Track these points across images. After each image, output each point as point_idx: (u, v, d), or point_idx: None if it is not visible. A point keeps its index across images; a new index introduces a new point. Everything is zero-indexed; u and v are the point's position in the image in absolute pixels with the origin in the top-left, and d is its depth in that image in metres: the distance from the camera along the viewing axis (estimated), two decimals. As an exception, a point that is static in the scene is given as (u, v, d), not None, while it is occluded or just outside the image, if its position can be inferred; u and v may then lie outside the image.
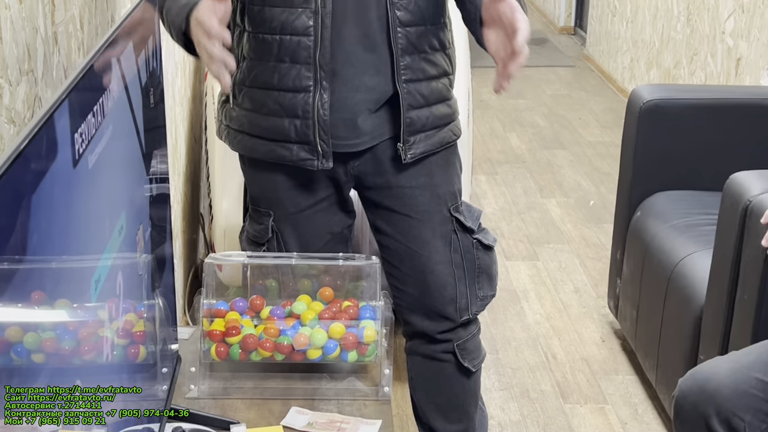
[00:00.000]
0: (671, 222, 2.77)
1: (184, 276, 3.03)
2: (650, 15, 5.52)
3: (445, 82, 1.99)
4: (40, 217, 0.96)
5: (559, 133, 5.34)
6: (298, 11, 1.82)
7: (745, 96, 2.97)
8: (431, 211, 2.02)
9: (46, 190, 0.97)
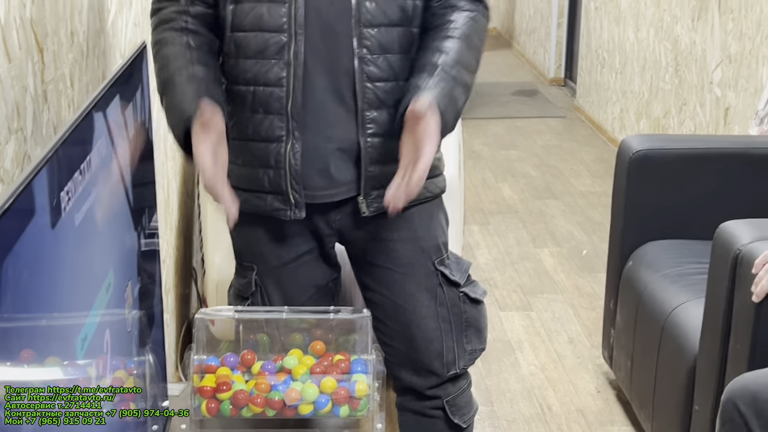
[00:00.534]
0: (663, 271, 2.77)
1: (177, 330, 3.01)
2: (639, 66, 5.56)
3: None
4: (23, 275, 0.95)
5: (551, 183, 5.35)
6: (271, 62, 1.84)
7: (734, 145, 2.98)
8: (415, 264, 2.01)
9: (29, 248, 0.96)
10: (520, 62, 8.66)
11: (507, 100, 7.21)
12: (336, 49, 1.86)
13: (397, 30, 1.89)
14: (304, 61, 1.85)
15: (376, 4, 1.85)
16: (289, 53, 1.84)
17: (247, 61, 1.87)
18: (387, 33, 1.88)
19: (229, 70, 1.91)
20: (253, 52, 1.86)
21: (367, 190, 1.93)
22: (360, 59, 1.86)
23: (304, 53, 1.84)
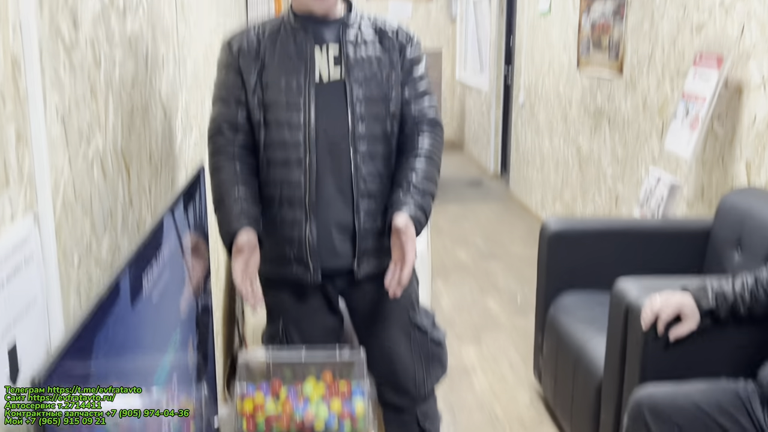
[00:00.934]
0: (576, 315, 2.76)
1: (224, 362, 2.96)
2: (553, 164, 5.60)
3: None
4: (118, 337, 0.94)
5: (493, 248, 5.34)
6: (292, 170, 1.86)
7: (623, 225, 2.99)
8: (394, 315, 2.02)
9: (122, 319, 0.96)
10: (470, 161, 8.72)
11: (461, 189, 7.24)
12: (338, 158, 1.88)
13: (381, 144, 1.92)
14: (317, 169, 1.87)
15: (366, 126, 1.88)
16: (305, 163, 1.86)
17: (276, 170, 1.89)
18: (374, 146, 1.90)
19: (264, 177, 1.92)
20: (279, 163, 1.88)
21: (360, 260, 1.93)
22: (355, 165, 1.88)
23: (316, 163, 1.86)
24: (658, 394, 1.88)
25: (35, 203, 1.01)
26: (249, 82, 1.85)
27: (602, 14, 4.44)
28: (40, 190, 1.02)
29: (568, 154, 5.20)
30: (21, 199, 0.97)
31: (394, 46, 1.92)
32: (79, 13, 1.22)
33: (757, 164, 2.84)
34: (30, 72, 0.99)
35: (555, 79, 5.49)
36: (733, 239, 2.63)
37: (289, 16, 1.89)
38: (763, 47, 2.81)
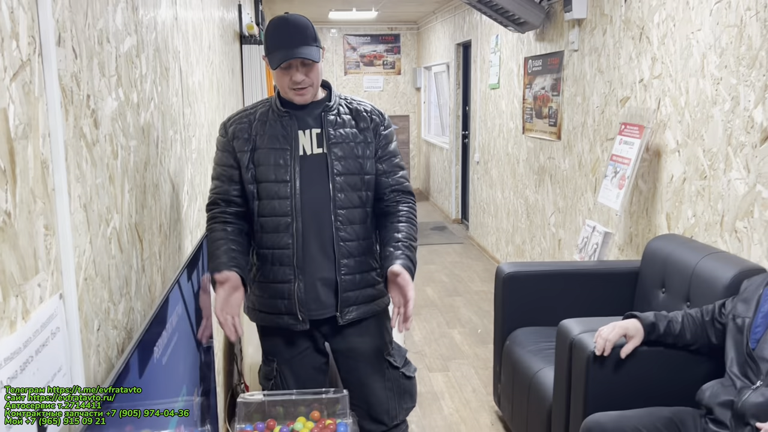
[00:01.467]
0: (528, 347, 2.76)
1: (225, 396, 2.91)
2: (505, 212, 5.65)
3: (373, 274, 1.99)
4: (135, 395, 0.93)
5: (457, 286, 5.34)
6: (282, 234, 1.86)
7: (565, 267, 3.01)
8: (371, 356, 2.01)
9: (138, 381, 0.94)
10: (435, 209, 8.76)
11: (427, 233, 7.26)
12: (321, 223, 1.89)
13: (358, 210, 1.93)
14: (302, 233, 1.87)
15: (345, 195, 1.90)
16: (293, 228, 1.86)
17: (267, 235, 1.89)
18: (351, 213, 1.92)
19: (258, 241, 1.92)
20: (271, 229, 1.88)
21: (342, 308, 1.93)
22: (336, 229, 1.89)
23: (302, 228, 1.87)
24: (606, 420, 1.88)
25: (61, 284, 1.01)
26: (243, 161, 1.87)
27: (542, 88, 4.54)
28: (65, 272, 1.01)
29: (518, 204, 5.25)
30: (49, 282, 0.96)
31: (368, 126, 1.95)
32: (99, 113, 1.23)
33: (675, 216, 2.90)
34: (57, 171, 1.00)
35: (504, 141, 5.57)
36: (658, 280, 2.66)
37: (276, 102, 1.91)
38: (675, 118, 2.89)
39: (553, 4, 4.24)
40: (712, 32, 2.62)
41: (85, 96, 1.15)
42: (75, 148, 1.10)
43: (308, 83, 1.84)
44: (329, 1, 7.31)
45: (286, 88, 1.84)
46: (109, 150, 1.28)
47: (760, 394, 1.70)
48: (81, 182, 1.12)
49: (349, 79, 9.78)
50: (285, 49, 1.78)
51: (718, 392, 1.82)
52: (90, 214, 1.16)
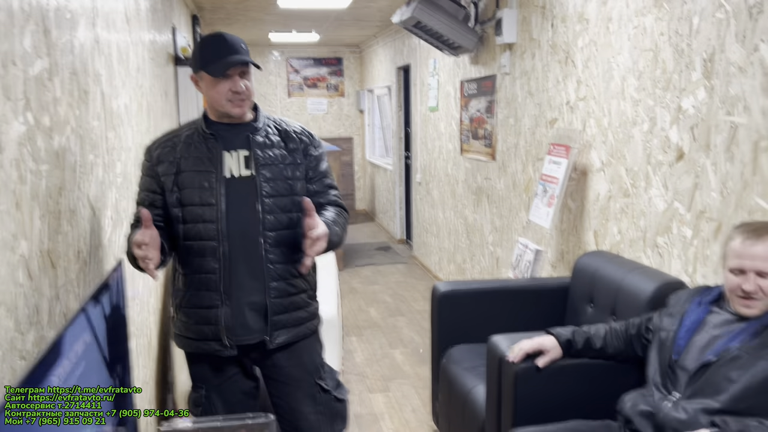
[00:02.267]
0: (463, 365, 2.78)
1: (157, 423, 2.83)
2: (446, 233, 5.71)
3: (303, 296, 1.97)
4: None
5: (400, 306, 5.35)
6: (208, 258, 1.84)
7: (498, 285, 3.05)
8: (301, 380, 1.99)
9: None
10: (380, 229, 8.79)
11: (372, 253, 7.28)
12: (250, 246, 1.87)
13: (287, 232, 1.92)
14: (229, 257, 1.85)
15: (274, 217, 1.88)
16: (219, 252, 1.84)
17: (193, 259, 1.87)
18: (281, 234, 1.90)
19: (183, 264, 1.90)
20: (196, 253, 1.86)
21: (271, 331, 1.91)
22: (265, 251, 1.88)
23: (229, 252, 1.85)
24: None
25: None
26: (167, 185, 1.84)
27: (478, 110, 4.64)
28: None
29: (458, 224, 5.32)
30: (-62, 312, 0.93)
31: (297, 147, 1.94)
32: (3, 138, 1.20)
33: (602, 233, 2.99)
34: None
35: (444, 162, 5.65)
36: (586, 295, 2.73)
37: (201, 124, 1.90)
38: (600, 139, 2.99)
39: (486, 28, 4.35)
40: (631, 56, 2.74)
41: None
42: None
43: (247, 95, 1.84)
44: (269, 24, 7.32)
45: (223, 101, 1.83)
46: (16, 175, 1.25)
47: (682, 410, 1.73)
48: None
49: (293, 101, 9.78)
50: (227, 57, 1.78)
51: (638, 402, 1.87)
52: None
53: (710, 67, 2.27)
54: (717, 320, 1.82)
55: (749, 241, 1.71)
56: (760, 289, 1.70)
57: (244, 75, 1.84)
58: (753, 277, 1.71)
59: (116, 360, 1.52)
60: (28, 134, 1.33)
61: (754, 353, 1.67)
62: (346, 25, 7.41)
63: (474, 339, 2.93)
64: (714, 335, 1.79)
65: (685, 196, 2.42)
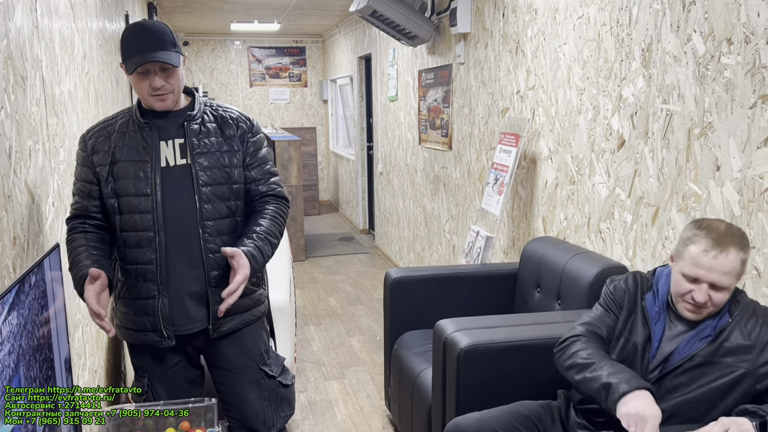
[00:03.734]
0: (413, 350, 2.82)
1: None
2: (406, 222, 5.75)
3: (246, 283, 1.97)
4: None
5: (360, 295, 5.38)
6: (144, 249, 1.83)
7: (449, 271, 3.09)
8: (245, 367, 1.99)
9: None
10: (343, 220, 8.81)
11: (335, 244, 7.29)
12: (189, 236, 1.86)
13: (227, 220, 1.91)
14: (166, 247, 1.84)
15: (212, 206, 1.87)
16: (155, 243, 1.83)
17: (130, 250, 1.85)
18: (220, 223, 1.89)
19: (121, 256, 1.89)
20: (133, 244, 1.85)
21: (214, 320, 1.91)
22: (204, 241, 1.87)
23: (165, 242, 1.84)
24: (464, 423, 1.93)
25: None
26: (102, 175, 1.83)
27: (435, 100, 4.68)
28: None
29: (417, 213, 5.36)
30: None
31: (235, 133, 1.93)
32: (-73, 121, 1.19)
33: (550, 219, 3.06)
34: None
35: (404, 152, 5.69)
36: (533, 280, 2.80)
37: (136, 113, 1.88)
38: (548, 127, 3.06)
39: (441, 18, 4.39)
40: (576, 46, 2.80)
41: None
42: None
43: (169, 89, 1.82)
44: (229, 13, 7.25)
45: (146, 95, 1.82)
46: (-59, 159, 1.24)
47: None
48: None
49: (254, 91, 9.71)
50: (142, 54, 1.75)
51: None
52: None
53: (648, 56, 2.33)
54: (674, 332, 1.75)
55: (711, 252, 1.61)
56: (710, 300, 1.64)
57: (166, 70, 1.80)
58: (706, 288, 1.63)
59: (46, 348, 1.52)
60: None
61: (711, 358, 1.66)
62: (307, 14, 7.38)
63: (425, 324, 2.97)
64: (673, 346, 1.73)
65: (626, 183, 2.49)
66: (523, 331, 2.21)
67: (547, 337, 2.17)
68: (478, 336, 2.14)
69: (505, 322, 2.29)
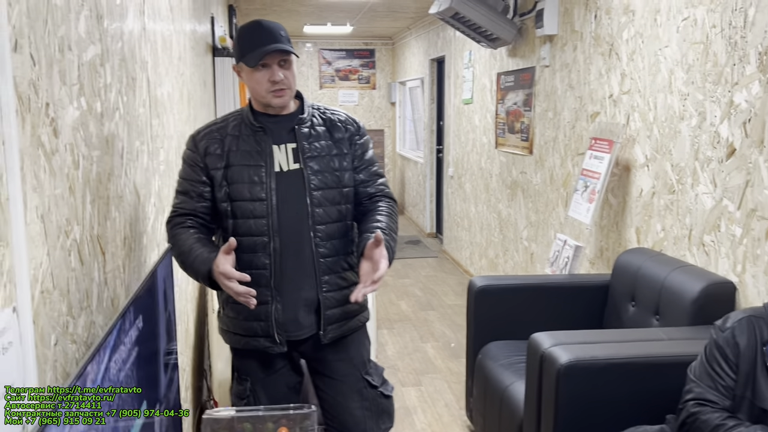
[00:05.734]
0: (500, 361, 2.75)
1: (194, 411, 2.85)
2: (478, 227, 5.67)
3: (354, 289, 1.94)
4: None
5: (431, 300, 5.32)
6: (259, 255, 1.82)
7: (536, 280, 3.02)
8: (348, 375, 1.96)
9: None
10: (410, 222, 8.77)
11: (402, 247, 7.25)
12: (300, 241, 1.84)
13: (337, 224, 1.89)
14: (280, 252, 1.82)
15: (323, 210, 1.85)
16: (270, 248, 1.82)
17: (243, 254, 1.83)
18: (330, 227, 1.87)
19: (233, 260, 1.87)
20: (247, 248, 1.82)
21: (325, 326, 1.89)
22: (315, 245, 1.85)
23: (279, 247, 1.82)
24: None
25: (15, 297, 0.97)
26: (216, 178, 1.82)
27: (515, 103, 4.58)
28: (19, 285, 0.98)
29: (491, 218, 5.27)
30: (1, 295, 0.93)
31: (343, 136, 1.91)
32: (60, 122, 1.20)
33: (644, 230, 2.93)
34: (11, 181, 0.97)
35: (478, 156, 5.60)
36: (628, 293, 2.68)
37: (248, 116, 1.88)
38: (644, 134, 2.93)
39: (525, 20, 4.29)
40: (679, 49, 2.67)
41: (43, 104, 1.12)
42: (32, 158, 1.07)
43: (287, 84, 1.80)
44: (304, 15, 7.32)
45: (264, 92, 1.80)
46: (70, 160, 1.25)
47: None
48: (38, 192, 1.09)
49: (324, 93, 9.79)
50: (263, 46, 1.75)
51: None
52: (48, 225, 1.13)
53: (766, 60, 2.19)
54: None
55: None
56: None
57: (284, 64, 1.80)
58: None
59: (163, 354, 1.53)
60: (81, 119, 1.33)
61: None
62: (380, 16, 7.37)
63: (511, 335, 2.90)
64: None
65: (736, 194, 2.35)
66: (627, 348, 2.10)
67: (652, 355, 2.07)
68: (579, 352, 2.05)
69: (606, 338, 2.20)
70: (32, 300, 1.04)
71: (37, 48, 1.09)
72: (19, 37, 1.02)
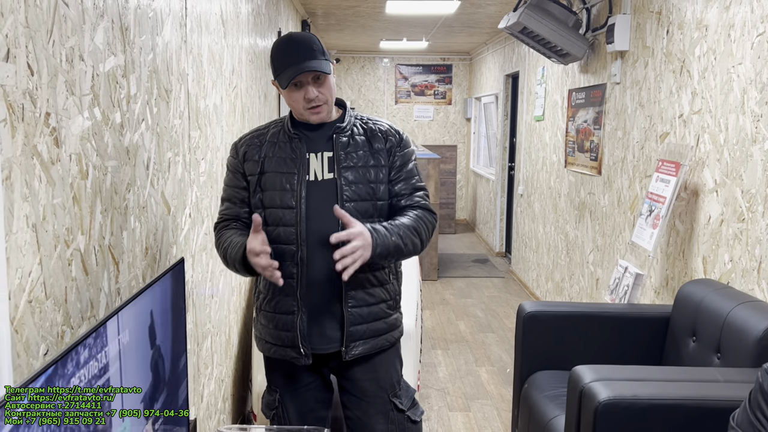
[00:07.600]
0: (546, 392, 2.60)
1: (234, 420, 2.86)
2: (545, 248, 5.48)
3: (382, 306, 1.87)
4: None
5: (491, 322, 5.17)
6: (287, 263, 1.79)
7: (591, 309, 2.84)
8: (375, 396, 1.90)
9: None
10: (479, 240, 8.61)
11: (468, 265, 7.12)
12: (328, 253, 1.78)
13: None
14: (308, 261, 1.79)
15: None
16: (298, 257, 1.79)
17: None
18: None
19: None
20: (276, 256, 1.79)
21: (348, 342, 1.84)
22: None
23: (307, 256, 1.79)
24: None
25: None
26: (252, 184, 1.82)
27: (585, 121, 4.40)
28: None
29: (558, 240, 5.08)
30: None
31: (383, 147, 1.85)
32: (63, 132, 1.21)
33: (711, 259, 2.72)
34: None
35: (547, 175, 5.42)
36: (689, 327, 2.48)
37: (287, 123, 1.86)
38: (714, 156, 2.72)
39: (597, 35, 4.12)
40: (753, 66, 2.46)
41: (42, 113, 1.13)
42: (24, 167, 1.08)
43: (322, 100, 1.77)
44: (379, 31, 7.36)
45: (301, 109, 1.78)
46: (76, 169, 1.26)
47: None
48: (30, 201, 1.09)
49: (399, 108, 9.81)
50: (293, 66, 1.72)
51: None
52: (41, 234, 1.13)
53: None
54: None
55: None
56: None
57: (318, 80, 1.77)
58: None
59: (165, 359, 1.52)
60: (93, 129, 1.34)
61: None
62: (455, 31, 7.32)
63: (560, 365, 2.74)
64: None
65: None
66: (674, 388, 1.93)
67: (701, 398, 1.88)
68: (621, 389, 1.90)
69: (653, 375, 2.03)
70: (16, 309, 1.04)
71: (36, 58, 1.10)
72: (12, 47, 1.03)
